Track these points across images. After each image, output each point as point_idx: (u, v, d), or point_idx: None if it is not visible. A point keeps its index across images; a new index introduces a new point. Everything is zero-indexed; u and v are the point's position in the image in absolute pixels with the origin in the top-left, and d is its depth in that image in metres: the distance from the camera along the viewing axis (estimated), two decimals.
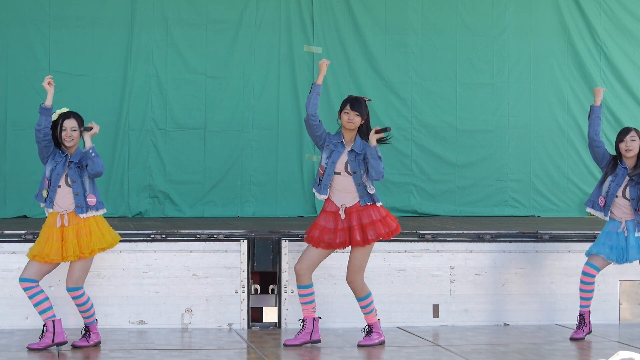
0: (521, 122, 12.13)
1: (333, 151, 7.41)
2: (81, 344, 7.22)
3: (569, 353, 7.39)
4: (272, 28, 11.67)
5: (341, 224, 7.36)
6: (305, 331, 7.45)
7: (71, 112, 7.26)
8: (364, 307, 7.50)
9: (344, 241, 7.36)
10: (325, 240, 7.35)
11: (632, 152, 7.72)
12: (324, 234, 7.36)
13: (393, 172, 11.80)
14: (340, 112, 7.43)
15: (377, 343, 7.47)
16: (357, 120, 7.38)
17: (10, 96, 11.09)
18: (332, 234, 7.35)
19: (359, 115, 7.38)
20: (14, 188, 11.16)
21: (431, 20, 11.99)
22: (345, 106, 7.41)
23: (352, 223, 7.34)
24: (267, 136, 11.58)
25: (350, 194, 7.38)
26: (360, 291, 7.46)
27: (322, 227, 7.39)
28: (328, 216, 7.41)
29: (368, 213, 7.36)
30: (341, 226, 7.36)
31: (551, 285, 8.62)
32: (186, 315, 8.12)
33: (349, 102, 7.40)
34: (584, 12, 12.27)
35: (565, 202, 12.09)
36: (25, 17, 11.14)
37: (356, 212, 7.36)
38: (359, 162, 7.37)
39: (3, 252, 7.97)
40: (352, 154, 7.38)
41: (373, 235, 7.32)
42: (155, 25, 11.42)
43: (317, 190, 7.45)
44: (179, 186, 11.42)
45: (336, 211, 7.39)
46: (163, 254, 8.15)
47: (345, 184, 7.38)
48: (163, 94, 11.42)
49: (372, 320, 7.51)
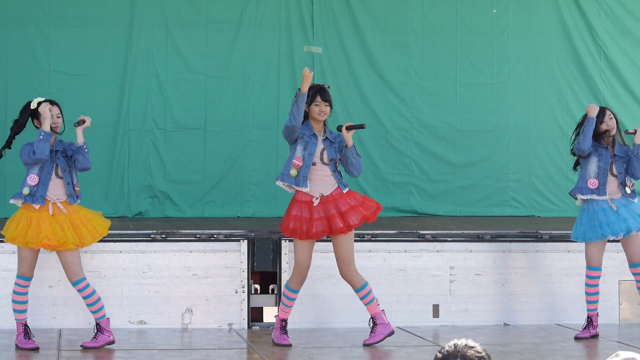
0: (521, 122, 12.13)
1: (308, 142, 7.37)
2: (90, 345, 7.15)
3: (569, 353, 7.39)
4: (272, 28, 11.67)
5: (317, 214, 7.28)
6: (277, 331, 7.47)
7: (51, 100, 7.29)
8: (363, 298, 7.44)
9: (321, 230, 7.25)
10: (303, 230, 7.30)
11: (614, 129, 7.82)
12: (301, 224, 7.30)
13: (393, 172, 11.80)
14: (310, 104, 7.37)
15: (382, 338, 7.41)
16: (328, 110, 7.36)
17: (10, 96, 11.08)
18: (308, 224, 7.29)
19: (329, 106, 7.36)
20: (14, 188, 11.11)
21: (431, 20, 11.99)
22: (315, 98, 7.36)
23: (330, 212, 7.27)
24: (267, 136, 11.57)
25: (327, 183, 7.34)
26: (356, 282, 7.41)
27: (298, 217, 7.33)
28: (302, 206, 7.35)
29: (345, 200, 7.30)
30: (317, 215, 7.27)
31: (551, 285, 8.62)
32: (186, 315, 8.12)
33: (319, 93, 7.36)
34: (584, 12, 12.26)
35: (565, 202, 12.08)
36: (25, 17, 11.14)
37: (332, 201, 7.30)
38: (334, 149, 7.35)
39: (3, 252, 7.97)
40: (327, 142, 7.36)
41: (356, 219, 7.26)
42: (155, 25, 11.42)
43: (296, 183, 7.34)
44: (179, 186, 11.42)
45: (310, 200, 7.34)
46: (163, 254, 8.15)
47: (321, 174, 7.35)
48: (163, 94, 11.41)
49: (375, 310, 7.44)
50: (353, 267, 7.38)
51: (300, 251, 7.33)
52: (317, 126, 7.40)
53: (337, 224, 7.23)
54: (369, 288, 7.43)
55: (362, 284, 7.41)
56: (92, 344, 7.13)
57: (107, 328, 7.18)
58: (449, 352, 3.29)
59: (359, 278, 7.40)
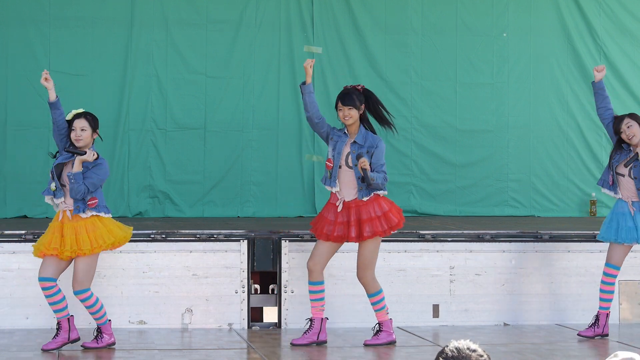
0: (521, 122, 12.12)
1: (337, 142, 7.38)
2: (91, 346, 7.15)
3: (569, 353, 7.38)
4: (272, 28, 11.66)
5: (340, 217, 7.31)
6: (313, 331, 7.41)
7: (85, 112, 7.17)
8: (374, 304, 7.46)
9: (341, 235, 7.31)
10: (324, 232, 7.33)
11: (636, 137, 7.72)
12: (324, 226, 7.34)
13: (393, 172, 11.78)
14: (336, 109, 7.40)
15: (384, 343, 7.42)
16: (353, 113, 7.33)
17: (10, 96, 11.08)
18: (331, 226, 7.32)
19: (353, 109, 7.33)
20: (14, 188, 11.15)
21: (431, 20, 11.99)
22: (337, 103, 7.38)
23: (351, 218, 7.30)
24: (267, 136, 11.57)
25: (351, 187, 7.34)
26: (370, 287, 7.43)
27: (324, 219, 7.37)
28: (330, 208, 7.39)
29: (368, 209, 7.28)
30: (340, 219, 7.30)
31: (551, 285, 8.62)
32: (186, 315, 8.12)
33: (340, 99, 7.36)
34: (584, 12, 12.26)
35: (565, 202, 12.09)
36: (25, 17, 11.14)
37: (355, 207, 7.31)
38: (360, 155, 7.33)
39: (3, 252, 7.97)
40: (355, 146, 7.33)
41: (369, 232, 7.25)
42: (155, 25, 11.42)
43: (328, 184, 7.40)
44: (179, 186, 11.41)
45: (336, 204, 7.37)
46: (163, 254, 8.15)
47: (346, 178, 7.36)
48: (163, 94, 11.41)
49: (383, 317, 7.46)
50: (370, 273, 7.39)
51: (316, 250, 7.37)
52: (350, 129, 7.39)
53: (351, 233, 7.27)
54: (382, 295, 7.44)
55: (376, 290, 7.43)
56: (94, 345, 7.14)
57: (109, 330, 7.18)
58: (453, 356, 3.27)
59: (374, 284, 7.42)
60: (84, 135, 7.05)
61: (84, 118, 7.08)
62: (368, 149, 7.31)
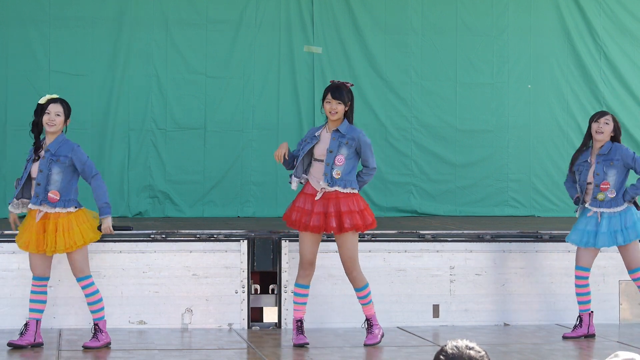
0: (521, 122, 12.12)
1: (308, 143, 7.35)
2: (92, 345, 7.15)
3: (569, 353, 7.39)
4: (272, 28, 11.66)
5: (317, 208, 7.28)
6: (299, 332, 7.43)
7: (60, 98, 7.18)
8: (362, 298, 7.45)
9: (318, 225, 7.25)
10: (302, 222, 7.29)
11: (602, 135, 7.80)
12: (302, 216, 7.30)
13: (393, 172, 11.79)
14: (323, 102, 7.35)
15: (380, 340, 7.44)
16: (340, 109, 7.28)
17: (10, 96, 11.08)
18: (308, 216, 7.29)
19: (341, 104, 7.29)
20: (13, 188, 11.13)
21: (431, 20, 11.99)
22: (326, 95, 7.33)
23: (329, 209, 7.27)
24: (267, 136, 11.57)
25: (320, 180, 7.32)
26: (359, 281, 7.41)
27: (300, 209, 7.34)
28: (306, 198, 7.35)
29: (347, 202, 7.27)
30: (317, 210, 7.28)
31: (551, 285, 8.62)
32: (186, 315, 8.12)
33: (330, 91, 7.31)
34: (584, 12, 12.26)
35: (565, 202, 12.07)
36: (25, 17, 11.13)
37: (335, 199, 7.29)
38: (340, 143, 7.29)
39: (3, 252, 7.97)
40: (336, 134, 7.28)
41: (349, 224, 7.23)
42: (155, 25, 11.41)
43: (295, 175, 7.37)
44: (179, 186, 11.41)
45: (313, 193, 7.33)
46: (163, 254, 8.15)
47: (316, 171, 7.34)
48: (163, 94, 11.41)
49: (370, 312, 7.47)
50: (358, 265, 7.38)
51: (303, 245, 7.36)
52: (332, 125, 7.35)
53: (332, 224, 7.22)
54: (368, 290, 7.45)
55: (364, 283, 7.43)
56: (94, 344, 7.14)
57: (104, 329, 7.20)
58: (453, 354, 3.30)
59: (362, 278, 7.42)
60: (58, 120, 7.08)
61: (59, 103, 7.10)
62: (348, 140, 7.27)
